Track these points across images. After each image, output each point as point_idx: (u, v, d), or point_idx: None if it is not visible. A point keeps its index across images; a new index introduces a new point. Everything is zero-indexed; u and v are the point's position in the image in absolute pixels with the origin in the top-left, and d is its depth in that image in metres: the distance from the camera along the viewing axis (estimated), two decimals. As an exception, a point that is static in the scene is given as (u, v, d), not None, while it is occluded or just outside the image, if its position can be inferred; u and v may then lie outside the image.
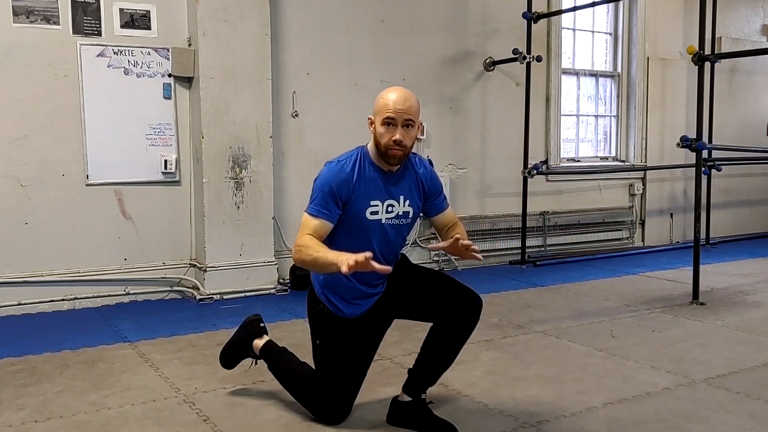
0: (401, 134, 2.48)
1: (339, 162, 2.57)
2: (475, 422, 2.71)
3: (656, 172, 7.29)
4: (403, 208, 2.63)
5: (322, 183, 2.53)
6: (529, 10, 6.08)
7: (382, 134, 2.50)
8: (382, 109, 2.51)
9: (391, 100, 2.49)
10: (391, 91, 2.53)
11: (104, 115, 4.70)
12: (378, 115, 2.52)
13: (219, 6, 4.82)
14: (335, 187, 2.50)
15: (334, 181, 2.51)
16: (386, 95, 2.52)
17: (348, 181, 2.52)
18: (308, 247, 2.42)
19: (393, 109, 2.48)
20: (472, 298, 2.57)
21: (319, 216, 2.50)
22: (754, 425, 2.67)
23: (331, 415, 2.67)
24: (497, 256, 6.39)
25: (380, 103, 2.53)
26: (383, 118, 2.49)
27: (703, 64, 4.82)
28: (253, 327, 3.01)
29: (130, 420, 2.73)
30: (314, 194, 2.53)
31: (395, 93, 2.51)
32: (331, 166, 2.57)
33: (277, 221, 5.25)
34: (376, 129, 2.53)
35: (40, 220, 4.56)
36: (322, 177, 2.56)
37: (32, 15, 4.46)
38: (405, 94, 2.51)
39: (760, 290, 5.14)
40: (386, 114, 2.49)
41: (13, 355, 3.57)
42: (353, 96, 5.61)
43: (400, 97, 2.50)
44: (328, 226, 2.51)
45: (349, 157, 2.58)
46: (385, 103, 2.50)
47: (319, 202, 2.51)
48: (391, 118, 2.48)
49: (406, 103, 2.49)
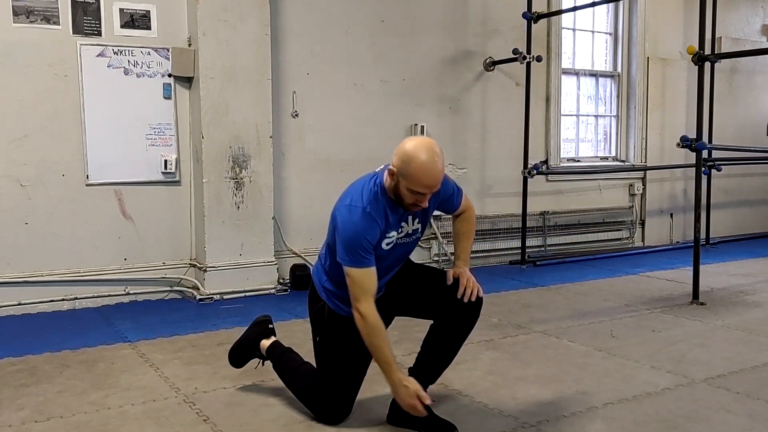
0: (427, 201, 2.43)
1: (365, 210, 2.43)
2: (475, 422, 2.71)
3: (656, 172, 7.29)
4: (412, 226, 2.62)
5: (357, 237, 2.41)
6: (529, 10, 6.08)
7: (407, 196, 2.40)
8: (411, 179, 2.34)
9: (426, 176, 2.33)
10: (423, 160, 2.32)
11: (104, 115, 4.70)
12: (405, 180, 2.36)
13: (219, 6, 4.82)
14: (370, 239, 2.43)
15: (369, 234, 2.42)
16: (418, 164, 2.32)
17: (377, 227, 2.46)
18: (378, 337, 2.42)
19: (427, 186, 2.37)
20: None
21: (368, 265, 2.43)
22: (754, 425, 2.67)
23: (332, 414, 2.67)
24: (497, 256, 6.39)
25: (411, 172, 2.33)
26: (412, 188, 2.36)
27: (703, 64, 4.82)
28: (261, 327, 3.03)
29: (130, 420, 2.73)
30: (351, 248, 2.41)
31: (428, 165, 2.32)
32: (357, 214, 2.43)
33: (277, 221, 5.25)
34: (400, 188, 2.39)
35: (40, 220, 4.57)
36: (352, 229, 2.42)
37: (32, 15, 4.46)
38: (437, 167, 2.35)
39: (760, 290, 5.14)
40: (416, 189, 2.37)
41: (13, 355, 3.57)
42: (353, 96, 5.61)
43: (434, 171, 2.34)
44: (375, 270, 2.47)
45: (370, 200, 2.45)
46: (418, 177, 2.33)
47: (361, 255, 2.42)
48: (422, 193, 2.39)
49: (437, 179, 2.37)
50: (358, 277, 2.44)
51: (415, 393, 2.42)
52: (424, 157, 2.33)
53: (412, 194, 2.40)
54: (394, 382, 2.44)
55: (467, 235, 2.78)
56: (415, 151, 2.34)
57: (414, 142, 2.39)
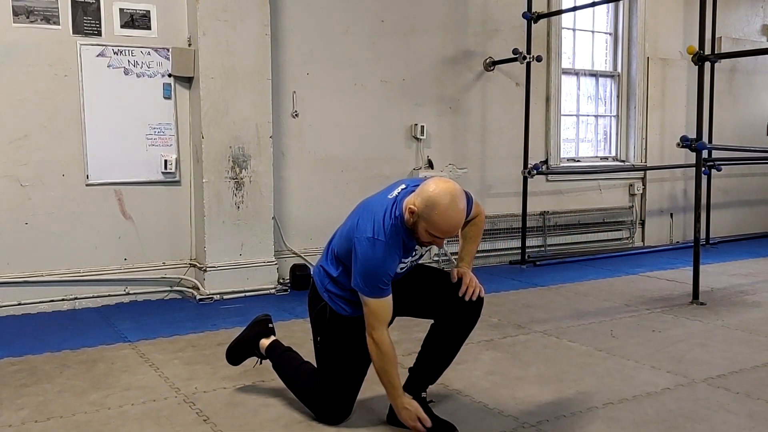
0: (443, 244, 2.47)
1: (387, 243, 2.41)
2: (475, 422, 2.71)
3: (656, 172, 7.29)
4: (422, 250, 2.63)
5: (378, 270, 2.41)
6: (529, 10, 6.08)
7: (424, 236, 2.40)
8: (433, 226, 2.35)
9: (447, 226, 2.35)
10: (446, 207, 2.32)
11: (104, 115, 4.70)
12: (426, 223, 2.35)
13: (219, 6, 4.81)
14: (390, 271, 2.44)
15: (389, 266, 2.43)
16: (441, 210, 2.31)
17: (397, 258, 2.47)
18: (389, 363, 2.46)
19: (445, 234, 2.39)
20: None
21: (386, 295, 2.45)
22: (754, 425, 2.67)
23: (332, 414, 2.67)
24: (497, 256, 6.39)
25: (434, 218, 2.33)
26: (431, 232, 2.37)
27: (703, 64, 4.82)
28: (261, 326, 3.03)
29: (130, 420, 2.73)
30: (372, 280, 2.41)
31: (451, 215, 2.34)
32: (380, 248, 2.41)
33: (277, 221, 5.25)
34: (419, 228, 2.39)
35: (40, 220, 4.56)
36: (373, 263, 2.41)
37: (32, 15, 4.46)
38: (460, 217, 2.39)
39: (760, 290, 5.14)
40: (437, 234, 2.37)
41: (13, 355, 3.57)
42: (353, 96, 5.61)
43: (455, 223, 2.37)
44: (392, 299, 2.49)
45: (392, 234, 2.43)
46: (439, 225, 2.34)
47: (380, 285, 2.42)
48: (439, 237, 2.41)
49: (458, 228, 2.43)
50: (375, 307, 2.45)
51: (416, 416, 2.49)
52: (447, 205, 2.32)
53: (429, 236, 2.40)
54: (398, 405, 2.52)
55: (474, 238, 2.78)
56: (439, 197, 2.32)
57: (437, 186, 2.36)
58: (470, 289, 2.55)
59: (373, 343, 2.47)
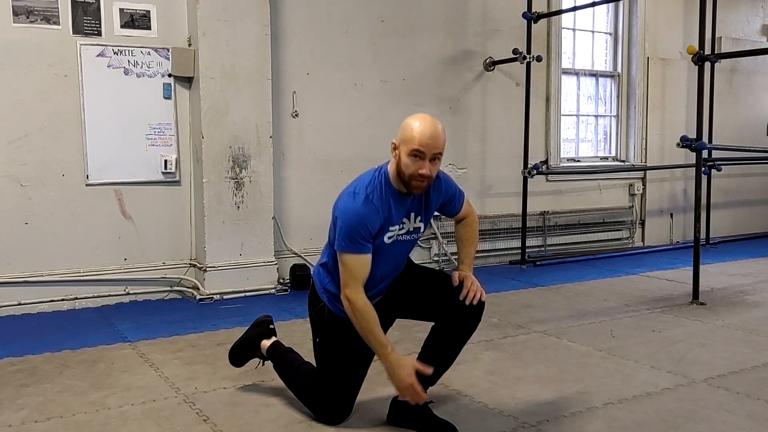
0: (428, 168, 2.42)
1: (367, 197, 2.45)
2: (475, 422, 2.71)
3: (656, 172, 7.29)
4: (414, 224, 2.61)
5: (355, 222, 2.42)
6: (529, 10, 6.08)
7: (408, 165, 2.42)
8: (409, 140, 2.41)
9: (420, 133, 2.39)
10: (419, 121, 2.42)
11: (104, 115, 4.70)
12: (405, 145, 2.42)
13: (219, 6, 4.81)
14: (369, 226, 2.43)
15: (368, 220, 2.43)
16: (414, 125, 2.42)
17: (378, 217, 2.46)
18: (368, 321, 2.43)
19: (422, 143, 2.39)
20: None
21: (363, 252, 2.44)
22: (754, 425, 2.67)
23: (332, 414, 2.67)
24: (497, 256, 6.39)
25: (407, 133, 2.42)
26: (411, 149, 2.40)
27: (703, 64, 4.82)
28: (262, 327, 3.03)
29: (130, 420, 2.73)
30: (348, 233, 2.42)
31: (424, 124, 2.41)
32: (359, 201, 2.45)
33: (277, 221, 5.25)
34: (401, 158, 2.44)
35: (40, 220, 4.57)
36: (352, 215, 2.43)
37: (32, 15, 4.46)
38: (434, 126, 2.41)
39: (760, 290, 5.14)
40: (414, 146, 2.39)
41: (13, 355, 3.57)
42: (353, 96, 5.61)
43: (430, 130, 2.40)
44: (370, 259, 2.47)
45: (374, 189, 2.48)
46: (413, 135, 2.40)
47: (357, 241, 2.42)
48: (420, 151, 2.39)
49: (435, 137, 2.40)
50: (351, 263, 2.44)
51: (413, 369, 2.41)
52: (420, 119, 2.45)
53: (413, 161, 2.41)
54: (391, 363, 2.43)
55: (471, 240, 2.78)
56: (412, 117, 2.48)
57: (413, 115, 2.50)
58: (471, 293, 2.53)
59: (348, 303, 2.44)
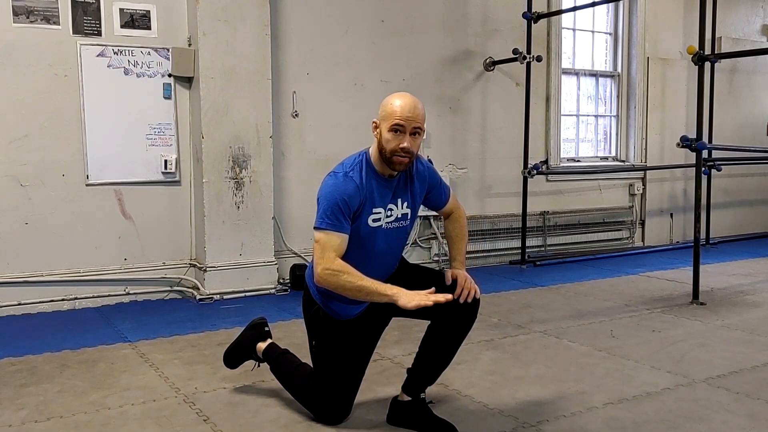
0: (409, 142, 2.44)
1: (346, 174, 2.48)
2: (475, 422, 2.71)
3: (656, 172, 7.29)
4: (402, 210, 2.61)
5: (334, 197, 2.42)
6: (529, 10, 6.08)
7: (389, 140, 2.44)
8: (389, 116, 2.44)
9: (400, 107, 2.43)
10: (398, 97, 2.46)
11: (104, 115, 4.70)
12: (385, 121, 2.46)
13: (219, 6, 4.81)
14: (348, 201, 2.43)
15: (347, 194, 2.43)
16: (393, 101, 2.46)
17: (358, 194, 2.46)
18: (348, 274, 2.36)
19: (402, 117, 2.42)
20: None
21: (340, 231, 2.43)
22: (754, 425, 2.67)
23: (331, 415, 2.67)
24: (497, 256, 6.39)
25: (387, 109, 2.46)
26: (391, 124, 2.43)
27: (703, 64, 4.82)
28: (257, 330, 3.03)
29: (130, 420, 2.73)
30: (326, 209, 2.43)
31: (403, 99, 2.45)
32: (339, 178, 2.47)
33: (277, 221, 5.25)
34: (382, 134, 2.47)
35: (40, 220, 4.57)
36: (331, 190, 2.45)
37: (32, 15, 4.46)
38: (413, 101, 2.45)
39: (760, 290, 5.14)
40: (394, 121, 2.42)
41: (13, 355, 3.57)
42: (353, 96, 5.61)
43: (409, 104, 2.44)
44: (347, 241, 2.45)
45: (354, 167, 2.51)
46: (393, 110, 2.44)
47: (335, 217, 2.42)
48: (400, 125, 2.42)
49: (414, 111, 2.43)
50: (326, 240, 2.42)
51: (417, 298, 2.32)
52: (400, 96, 2.48)
53: (393, 136, 2.43)
54: (395, 293, 2.33)
55: (461, 236, 2.77)
56: (392, 95, 2.52)
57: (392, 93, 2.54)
58: (465, 291, 2.50)
59: (327, 273, 2.38)
